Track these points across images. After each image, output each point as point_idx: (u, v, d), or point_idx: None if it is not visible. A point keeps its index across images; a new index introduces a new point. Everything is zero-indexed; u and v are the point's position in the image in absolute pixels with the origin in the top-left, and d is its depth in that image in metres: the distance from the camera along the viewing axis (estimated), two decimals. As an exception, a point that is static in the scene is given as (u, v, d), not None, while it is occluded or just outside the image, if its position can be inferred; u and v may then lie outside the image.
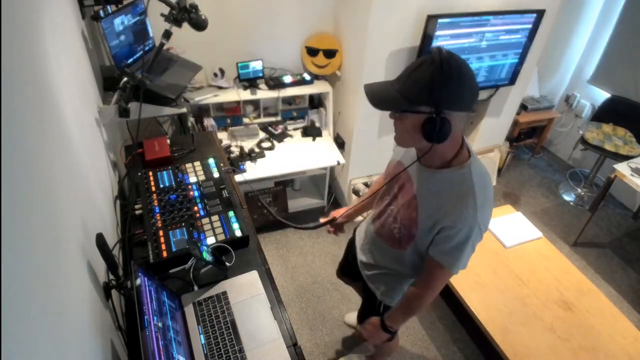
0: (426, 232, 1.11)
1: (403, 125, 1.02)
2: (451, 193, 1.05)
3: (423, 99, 0.93)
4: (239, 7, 2.42)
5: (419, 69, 0.94)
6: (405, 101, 0.95)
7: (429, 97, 0.92)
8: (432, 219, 1.08)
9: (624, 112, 3.15)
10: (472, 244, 1.08)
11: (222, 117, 2.64)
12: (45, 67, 0.96)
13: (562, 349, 1.83)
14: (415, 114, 0.96)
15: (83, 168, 1.16)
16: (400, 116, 1.01)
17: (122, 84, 1.69)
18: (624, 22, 3.10)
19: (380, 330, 1.34)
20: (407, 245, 1.20)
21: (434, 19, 2.26)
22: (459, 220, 1.03)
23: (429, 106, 0.94)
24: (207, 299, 1.25)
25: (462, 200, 1.03)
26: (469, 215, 1.03)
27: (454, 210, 1.03)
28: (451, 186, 1.06)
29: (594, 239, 3.05)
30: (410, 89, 0.95)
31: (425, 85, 0.92)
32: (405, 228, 1.17)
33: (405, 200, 1.16)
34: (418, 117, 0.96)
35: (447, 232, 1.05)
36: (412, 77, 0.95)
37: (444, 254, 1.10)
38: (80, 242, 0.96)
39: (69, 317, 0.76)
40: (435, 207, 1.08)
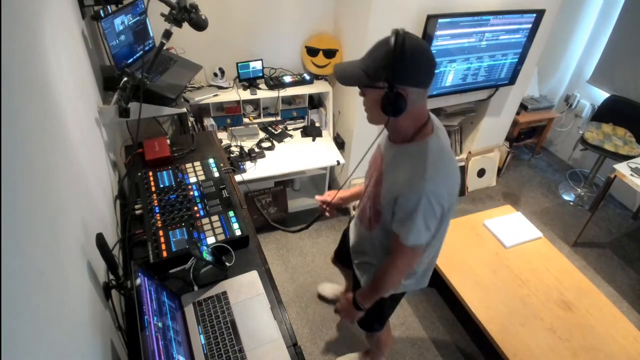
0: (387, 206, 1.17)
1: (367, 100, 1.11)
2: (407, 165, 1.13)
3: (380, 75, 1.02)
4: (239, 7, 2.42)
5: (378, 48, 1.03)
6: (366, 77, 1.05)
7: (389, 75, 1.01)
8: (391, 191, 1.15)
9: (624, 112, 3.15)
10: (423, 217, 1.10)
11: (222, 117, 2.64)
12: (45, 67, 0.96)
13: (562, 349, 1.83)
14: (375, 89, 1.05)
15: (83, 168, 1.16)
16: (364, 91, 1.10)
17: (122, 84, 1.69)
18: (624, 22, 3.10)
19: (352, 306, 1.40)
20: (376, 223, 1.28)
21: (434, 18, 2.26)
22: (409, 188, 1.09)
23: (385, 82, 1.02)
24: (207, 299, 1.25)
25: (413, 171, 1.10)
26: (417, 184, 1.07)
27: (406, 180, 1.10)
28: (408, 159, 1.13)
29: (594, 239, 3.05)
30: (370, 66, 1.04)
31: (382, 63, 1.01)
32: (373, 205, 1.25)
33: (376, 179, 1.24)
34: (378, 92, 1.04)
35: (400, 200, 1.11)
36: (372, 56, 1.04)
37: (398, 224, 1.16)
38: (80, 242, 0.96)
39: (69, 317, 0.76)
40: (394, 179, 1.15)
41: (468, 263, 2.18)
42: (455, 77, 2.64)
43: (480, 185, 3.46)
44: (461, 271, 2.14)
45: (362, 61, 1.07)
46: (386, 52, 0.99)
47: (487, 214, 2.52)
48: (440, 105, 3.00)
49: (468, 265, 2.17)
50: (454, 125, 3.28)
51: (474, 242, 2.32)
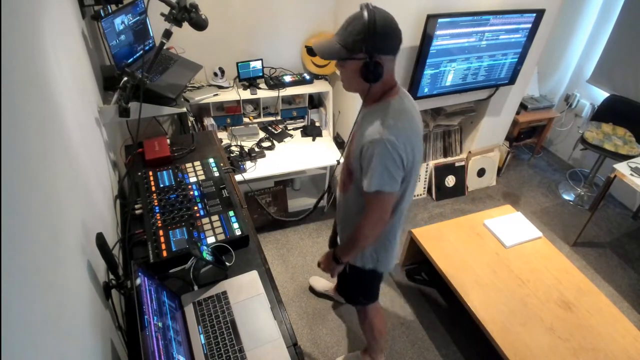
0: (355, 162, 1.29)
1: (345, 71, 1.21)
2: (371, 120, 1.23)
3: (358, 47, 1.13)
4: (239, 6, 2.42)
5: (352, 23, 1.13)
6: (345, 50, 1.15)
7: (366, 47, 1.12)
8: (358, 145, 1.26)
9: (624, 111, 3.15)
10: (383, 161, 1.19)
11: (222, 116, 2.64)
12: (45, 67, 0.96)
13: (562, 349, 1.83)
14: (353, 60, 1.16)
15: (83, 168, 1.16)
16: (342, 64, 1.20)
17: (122, 84, 1.69)
18: (624, 22, 3.10)
19: (331, 261, 1.50)
20: (349, 184, 1.38)
21: (434, 18, 2.26)
22: (370, 138, 1.20)
23: (364, 53, 1.13)
24: (207, 298, 1.25)
25: (375, 123, 1.21)
26: (376, 133, 1.19)
27: (369, 132, 1.22)
28: (372, 116, 1.24)
29: (593, 238, 3.05)
30: (348, 40, 1.14)
31: (359, 36, 1.11)
32: (346, 165, 1.38)
33: (350, 140, 1.38)
34: (356, 63, 1.16)
35: (363, 151, 1.23)
36: (348, 31, 1.14)
37: (364, 174, 1.25)
38: (80, 242, 0.96)
39: (69, 316, 0.76)
40: (360, 134, 1.27)
41: (468, 263, 2.18)
42: (455, 77, 2.64)
43: (480, 185, 3.46)
44: (461, 271, 2.14)
45: (338, 36, 1.16)
46: (362, 25, 1.10)
47: (487, 213, 2.52)
48: (440, 105, 3.00)
49: (468, 265, 2.17)
50: (454, 125, 3.28)
51: (474, 242, 2.32)
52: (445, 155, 3.37)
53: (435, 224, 2.44)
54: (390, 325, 2.32)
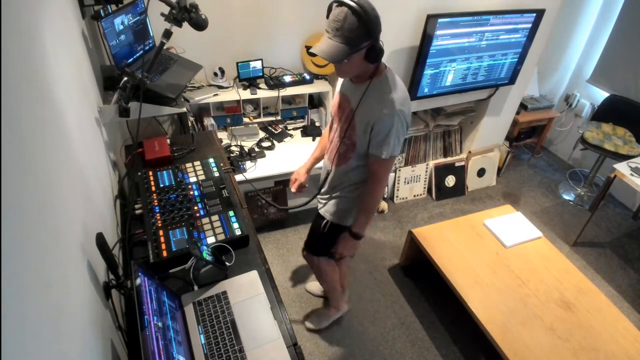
0: (363, 134, 1.40)
1: (352, 64, 1.28)
2: (375, 96, 1.35)
3: (363, 38, 1.21)
4: (239, 6, 2.42)
5: (347, 20, 1.18)
6: (350, 47, 1.22)
7: (368, 34, 1.21)
8: (365, 120, 1.37)
9: (624, 111, 3.15)
10: (396, 132, 1.35)
11: (222, 116, 2.64)
12: (45, 67, 0.96)
13: (562, 349, 1.83)
14: (359, 51, 1.24)
15: (83, 168, 1.16)
16: (347, 60, 1.25)
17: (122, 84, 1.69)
18: (624, 22, 3.10)
19: (351, 239, 1.60)
20: (351, 154, 1.48)
21: (434, 18, 2.26)
22: (382, 113, 1.32)
23: (368, 40, 1.23)
24: (207, 298, 1.24)
25: (383, 98, 1.33)
26: (389, 108, 1.32)
27: (379, 107, 1.33)
28: (375, 91, 1.35)
29: (594, 238, 3.05)
30: (350, 37, 1.20)
31: (360, 30, 1.19)
32: (347, 139, 1.46)
33: (345, 117, 1.47)
34: (362, 52, 1.25)
35: (376, 127, 1.34)
36: (346, 29, 1.19)
37: (378, 146, 1.38)
38: (80, 242, 0.96)
39: (68, 317, 0.76)
40: (366, 110, 1.37)
41: (468, 263, 2.18)
42: (455, 77, 2.64)
43: (480, 185, 3.46)
44: (461, 271, 2.14)
45: (338, 37, 1.21)
46: (358, 19, 1.17)
47: (487, 213, 2.52)
48: (440, 105, 3.00)
49: (468, 265, 2.17)
50: (454, 125, 3.28)
51: (474, 242, 2.32)
52: (445, 155, 3.37)
53: (435, 224, 2.44)
54: (390, 325, 2.32)
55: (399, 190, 3.20)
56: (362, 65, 1.31)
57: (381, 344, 2.22)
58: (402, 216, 3.11)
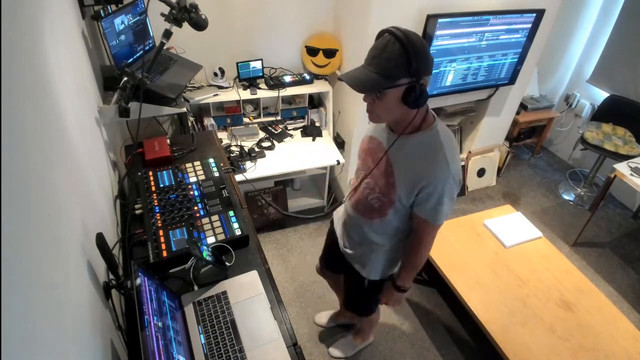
0: (406, 195, 1.20)
1: (384, 102, 1.09)
2: (424, 154, 1.16)
3: (401, 72, 1.03)
4: (239, 6, 2.42)
5: (386, 49, 1.01)
6: (385, 79, 1.04)
7: (408, 69, 1.02)
8: (410, 180, 1.18)
9: (624, 111, 3.15)
10: (450, 196, 1.18)
11: (222, 116, 2.64)
12: (45, 67, 0.96)
13: (562, 349, 1.83)
14: (395, 87, 1.05)
15: (83, 168, 1.16)
16: (380, 96, 1.08)
17: (122, 84, 1.69)
18: (624, 22, 3.10)
19: (396, 292, 1.48)
20: (388, 210, 1.29)
21: (434, 18, 2.26)
22: (435, 177, 1.14)
23: (408, 77, 1.03)
24: (207, 298, 1.24)
25: (435, 158, 1.14)
26: (442, 171, 1.14)
27: (429, 169, 1.15)
28: (423, 148, 1.17)
29: (594, 238, 3.05)
30: (388, 67, 1.02)
31: (401, 60, 1.01)
32: (384, 195, 1.26)
33: (381, 170, 1.26)
34: (398, 90, 1.06)
35: (427, 189, 1.16)
36: (384, 57, 1.02)
37: (429, 211, 1.20)
38: (80, 242, 0.96)
39: (68, 317, 0.76)
40: (412, 169, 1.18)
41: (468, 263, 2.18)
42: (455, 77, 2.64)
43: (480, 185, 3.46)
44: (461, 271, 2.14)
45: (372, 66, 1.04)
46: (399, 49, 1.00)
47: (487, 213, 2.52)
48: (440, 105, 3.00)
49: (468, 265, 2.17)
50: (454, 125, 3.28)
51: (474, 242, 2.32)
52: (445, 155, 3.37)
53: (435, 224, 2.44)
54: (390, 325, 2.32)
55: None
56: (398, 108, 1.09)
57: (381, 344, 2.22)
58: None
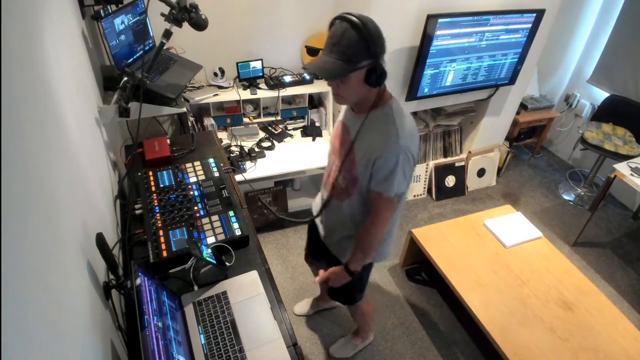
0: (364, 169, 1.27)
1: (349, 85, 1.16)
2: (377, 128, 1.23)
3: (362, 56, 1.10)
4: (239, 7, 2.42)
5: (345, 35, 1.08)
6: (348, 64, 1.11)
7: (367, 52, 1.10)
8: (367, 155, 1.24)
9: (624, 111, 3.15)
10: (403, 171, 1.23)
11: (222, 116, 2.64)
12: (45, 67, 0.96)
13: (562, 349, 1.83)
14: (358, 70, 1.13)
15: (83, 168, 1.16)
16: (344, 79, 1.15)
17: (122, 84, 1.69)
18: (624, 22, 3.10)
19: (343, 273, 1.44)
20: (352, 189, 1.35)
21: (434, 18, 2.26)
22: (386, 150, 1.20)
23: (368, 59, 1.11)
24: (207, 299, 1.25)
25: (386, 133, 1.21)
26: (393, 144, 1.19)
27: (381, 142, 1.21)
28: (377, 123, 1.24)
29: (594, 239, 3.05)
30: (348, 53, 1.10)
31: (360, 45, 1.08)
32: (348, 173, 1.33)
33: (345, 149, 1.33)
34: (360, 72, 1.13)
35: (378, 163, 1.21)
36: (343, 44, 1.09)
37: (380, 183, 1.25)
38: (80, 242, 0.96)
39: (68, 317, 0.76)
40: (367, 143, 1.25)
41: (468, 263, 2.18)
42: (455, 77, 2.64)
43: (480, 185, 3.46)
44: (461, 271, 2.13)
45: (334, 53, 1.11)
46: (357, 34, 1.07)
47: (487, 213, 2.52)
48: (440, 105, 3.00)
49: (468, 265, 2.17)
50: (454, 125, 3.28)
51: (474, 242, 2.32)
52: (445, 155, 3.37)
53: (435, 224, 2.44)
54: (390, 325, 2.32)
55: (399, 190, 3.19)
56: (361, 89, 1.18)
57: (381, 344, 2.22)
58: (402, 216, 3.09)
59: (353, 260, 1.42)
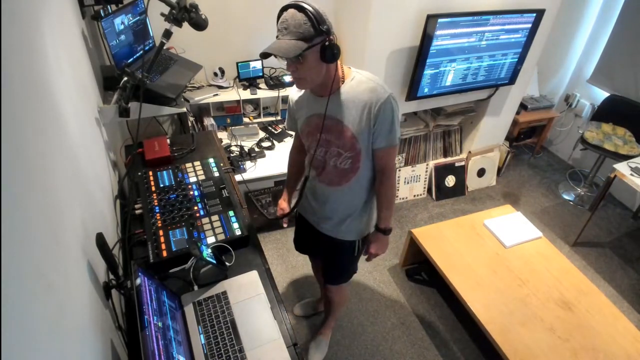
0: (366, 136, 1.31)
1: (307, 64, 1.19)
2: (360, 91, 1.28)
3: (313, 33, 1.13)
4: (239, 6, 2.42)
5: (294, 18, 1.13)
6: (303, 42, 1.14)
7: (318, 29, 1.13)
8: (363, 120, 1.28)
9: (624, 111, 3.15)
10: (397, 115, 1.30)
11: (222, 116, 2.64)
12: (44, 67, 0.96)
13: (562, 349, 1.83)
14: (313, 47, 1.16)
15: (83, 168, 1.16)
16: (302, 59, 1.17)
17: (122, 84, 1.69)
18: (624, 22, 3.10)
19: (382, 236, 1.55)
20: (358, 162, 1.39)
21: (434, 18, 2.26)
22: (378, 101, 1.25)
23: (320, 35, 1.15)
24: (207, 298, 1.25)
25: (370, 90, 1.26)
26: (382, 95, 1.26)
27: (370, 99, 1.26)
28: (355, 88, 1.28)
29: (594, 238, 3.05)
30: (300, 32, 1.13)
31: (308, 24, 1.13)
32: (350, 151, 1.36)
33: (336, 133, 1.34)
34: (315, 49, 1.16)
35: (379, 118, 1.27)
36: (294, 25, 1.13)
37: (386, 136, 1.31)
38: (80, 242, 0.96)
39: (68, 317, 0.76)
40: (357, 111, 1.28)
41: (468, 263, 2.18)
42: (455, 77, 2.64)
43: (480, 185, 3.46)
44: (461, 271, 2.14)
45: (287, 35, 1.15)
46: (304, 15, 1.12)
47: (487, 213, 2.52)
48: (440, 105, 3.00)
49: (468, 265, 2.17)
50: (454, 125, 3.28)
51: (474, 242, 2.32)
52: (445, 155, 3.37)
53: (435, 224, 2.44)
54: (390, 325, 2.32)
55: (399, 190, 3.20)
56: (321, 68, 1.21)
57: (381, 344, 2.22)
58: (402, 216, 3.11)
59: (384, 220, 1.51)
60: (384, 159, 1.38)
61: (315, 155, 1.43)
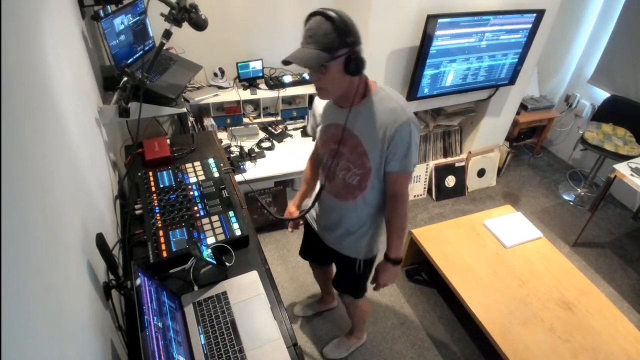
0: (378, 157, 1.28)
1: (330, 75, 1.16)
2: (380, 110, 1.24)
3: (338, 44, 1.11)
4: (239, 7, 2.42)
5: (320, 27, 1.11)
6: (326, 53, 1.12)
7: (344, 40, 1.11)
8: (378, 139, 1.25)
9: (624, 111, 3.15)
10: (415, 142, 1.26)
11: (222, 117, 2.64)
12: (44, 67, 0.96)
13: (562, 349, 1.83)
14: (337, 59, 1.13)
15: (83, 168, 1.16)
16: (325, 70, 1.15)
17: (122, 84, 1.69)
18: (624, 22, 3.10)
19: (392, 267, 1.48)
20: (366, 181, 1.35)
21: (434, 18, 2.26)
22: (396, 124, 1.21)
23: (345, 48, 1.13)
24: (207, 299, 1.24)
25: (390, 111, 1.23)
26: (401, 118, 1.21)
27: (390, 121, 1.22)
28: (377, 106, 1.25)
29: (594, 239, 3.05)
30: (324, 43, 1.11)
31: (333, 35, 1.10)
32: (359, 168, 1.33)
33: (349, 147, 1.32)
34: (339, 61, 1.14)
35: (394, 141, 1.23)
36: (319, 35, 1.11)
37: (400, 161, 1.27)
38: (80, 242, 0.96)
39: (68, 317, 0.76)
40: (374, 128, 1.25)
41: (468, 263, 2.18)
42: (455, 77, 2.64)
43: (480, 185, 3.46)
44: (461, 271, 2.13)
45: (312, 44, 1.12)
46: (331, 25, 1.10)
47: (487, 214, 2.52)
48: (440, 105, 3.00)
49: (468, 265, 2.17)
50: (454, 125, 3.28)
51: (474, 242, 2.32)
52: (445, 156, 3.37)
53: (435, 224, 2.44)
54: (390, 325, 2.32)
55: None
56: (343, 80, 1.18)
57: (381, 344, 2.22)
58: (402, 216, 3.10)
59: (394, 249, 1.45)
60: (396, 185, 1.34)
61: (327, 165, 1.42)
